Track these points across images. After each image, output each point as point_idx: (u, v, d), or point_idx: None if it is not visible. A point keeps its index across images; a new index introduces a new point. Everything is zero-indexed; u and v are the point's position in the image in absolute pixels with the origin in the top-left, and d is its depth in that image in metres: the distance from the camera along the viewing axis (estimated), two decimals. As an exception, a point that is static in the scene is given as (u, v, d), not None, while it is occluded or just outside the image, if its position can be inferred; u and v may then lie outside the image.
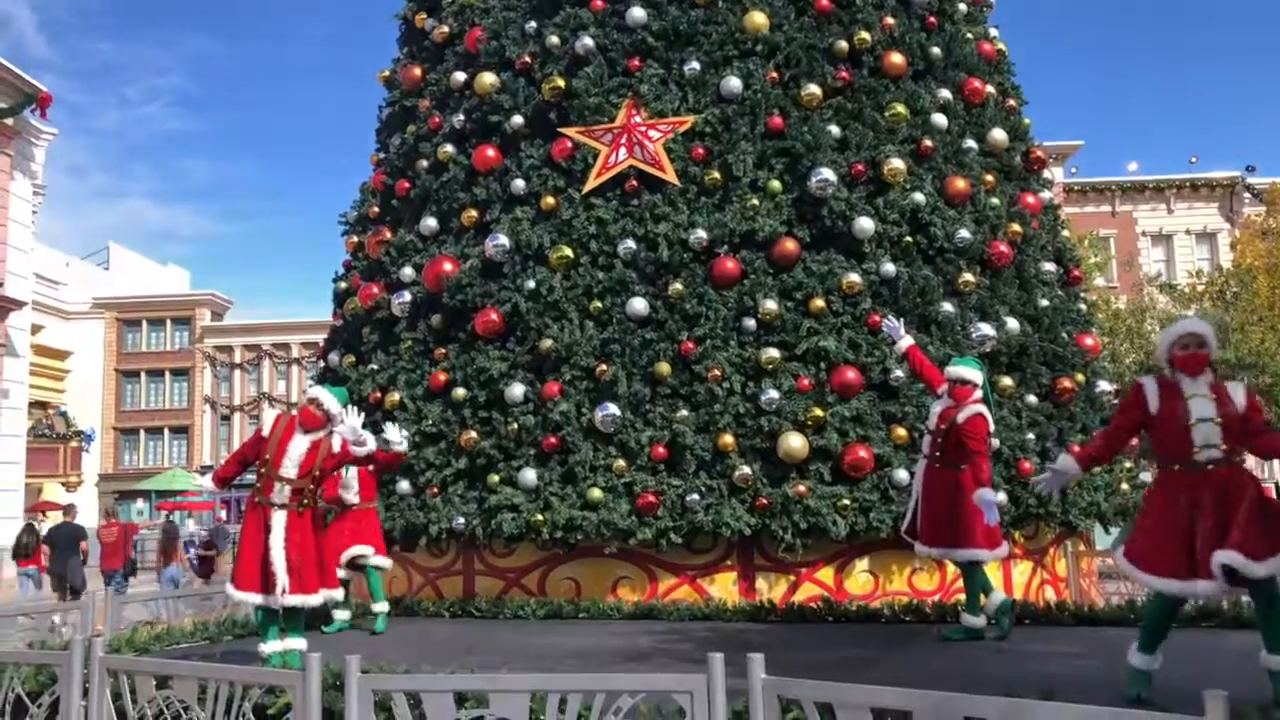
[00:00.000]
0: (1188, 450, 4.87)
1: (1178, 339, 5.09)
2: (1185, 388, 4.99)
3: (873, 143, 9.93)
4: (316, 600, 6.51)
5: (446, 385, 9.98)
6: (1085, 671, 5.75)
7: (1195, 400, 4.92)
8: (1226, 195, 38.65)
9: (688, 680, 3.84)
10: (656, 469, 9.01)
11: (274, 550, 6.31)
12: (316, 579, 6.46)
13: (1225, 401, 4.91)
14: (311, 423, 6.57)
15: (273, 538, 6.33)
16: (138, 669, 4.76)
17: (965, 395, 7.03)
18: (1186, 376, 5.02)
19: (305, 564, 6.37)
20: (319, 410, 6.60)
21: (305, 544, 6.41)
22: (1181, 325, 5.23)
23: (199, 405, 51.31)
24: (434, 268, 10.35)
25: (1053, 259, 11.14)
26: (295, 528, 6.39)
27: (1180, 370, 5.05)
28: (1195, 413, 4.88)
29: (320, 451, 6.48)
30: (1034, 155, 11.67)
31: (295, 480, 6.40)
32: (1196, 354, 5.02)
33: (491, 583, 9.72)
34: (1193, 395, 4.94)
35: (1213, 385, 5.00)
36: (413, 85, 11.74)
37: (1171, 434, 4.93)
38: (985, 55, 11.50)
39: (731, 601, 8.66)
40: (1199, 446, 4.85)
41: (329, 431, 6.59)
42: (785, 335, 9.22)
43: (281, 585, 6.25)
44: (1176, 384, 5.02)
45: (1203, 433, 4.86)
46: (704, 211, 9.59)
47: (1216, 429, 4.84)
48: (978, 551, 6.95)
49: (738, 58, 10.05)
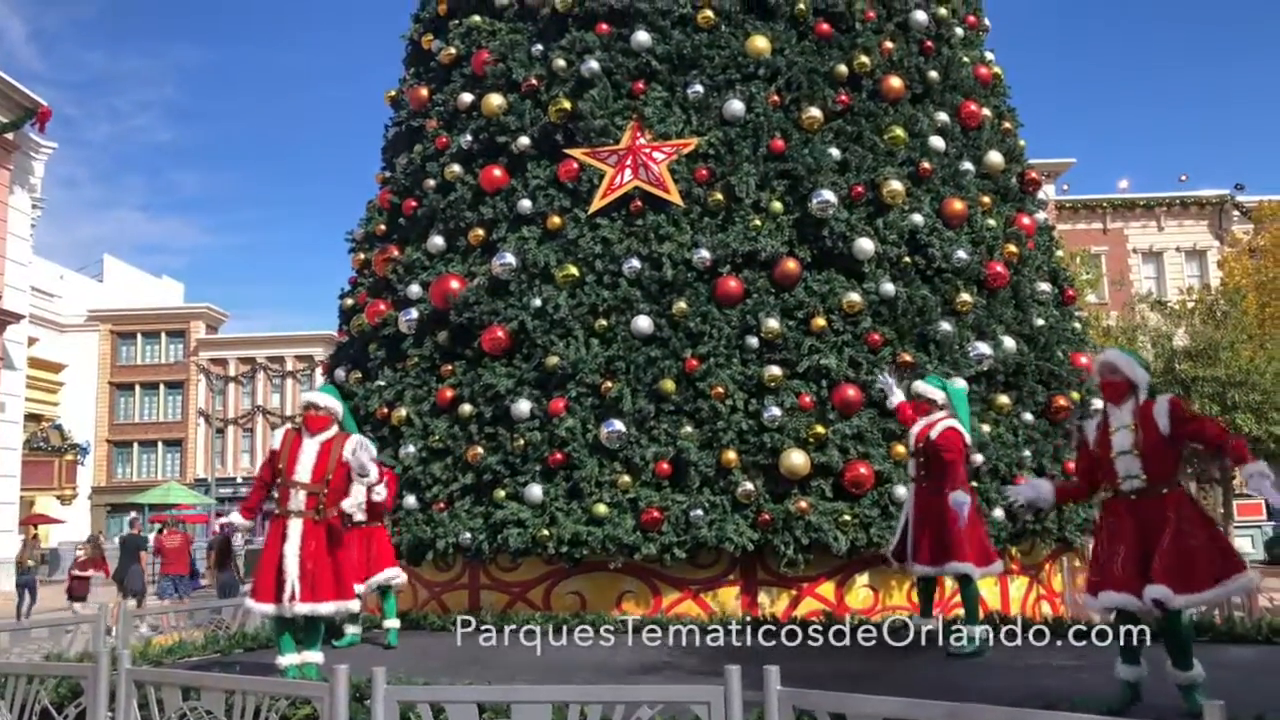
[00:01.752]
0: (1115, 481, 5.21)
1: (1095, 371, 5.43)
2: (1112, 420, 5.29)
3: (872, 165, 10.14)
4: (327, 609, 6.50)
5: (453, 401, 10.12)
6: (1083, 684, 5.90)
7: (1118, 433, 5.21)
8: (1215, 213, 39.04)
9: (705, 691, 3.99)
10: (661, 485, 9.16)
11: (288, 558, 6.39)
12: (331, 588, 6.46)
13: (1149, 428, 5.13)
14: (317, 425, 6.65)
15: (288, 545, 6.41)
16: (165, 680, 4.88)
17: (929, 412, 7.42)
18: (1112, 407, 5.31)
19: (319, 572, 6.42)
20: (319, 411, 6.70)
21: (320, 552, 6.46)
22: (1099, 357, 5.54)
23: (193, 418, 51.24)
24: (441, 285, 10.51)
25: (1048, 279, 11.36)
26: (311, 536, 6.45)
27: (1105, 400, 5.38)
28: (1116, 445, 5.19)
29: (332, 453, 6.54)
30: (1029, 177, 11.90)
31: (310, 485, 6.47)
32: (1109, 380, 5.30)
33: (497, 597, 9.84)
34: (1117, 428, 5.23)
35: (1136, 410, 5.22)
36: (419, 105, 11.92)
37: (1104, 466, 5.27)
38: (981, 79, 11.74)
39: (735, 615, 8.79)
40: (1122, 477, 5.16)
41: (337, 431, 6.68)
42: (787, 353, 9.39)
43: (290, 591, 6.32)
44: (1106, 417, 5.33)
45: (1124, 464, 5.15)
46: (707, 232, 9.77)
47: (1135, 460, 5.11)
48: (966, 566, 7.14)
49: (740, 81, 10.25)
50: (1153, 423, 5.16)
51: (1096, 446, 5.32)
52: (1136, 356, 5.51)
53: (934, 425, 7.37)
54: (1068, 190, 38.75)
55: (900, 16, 11.12)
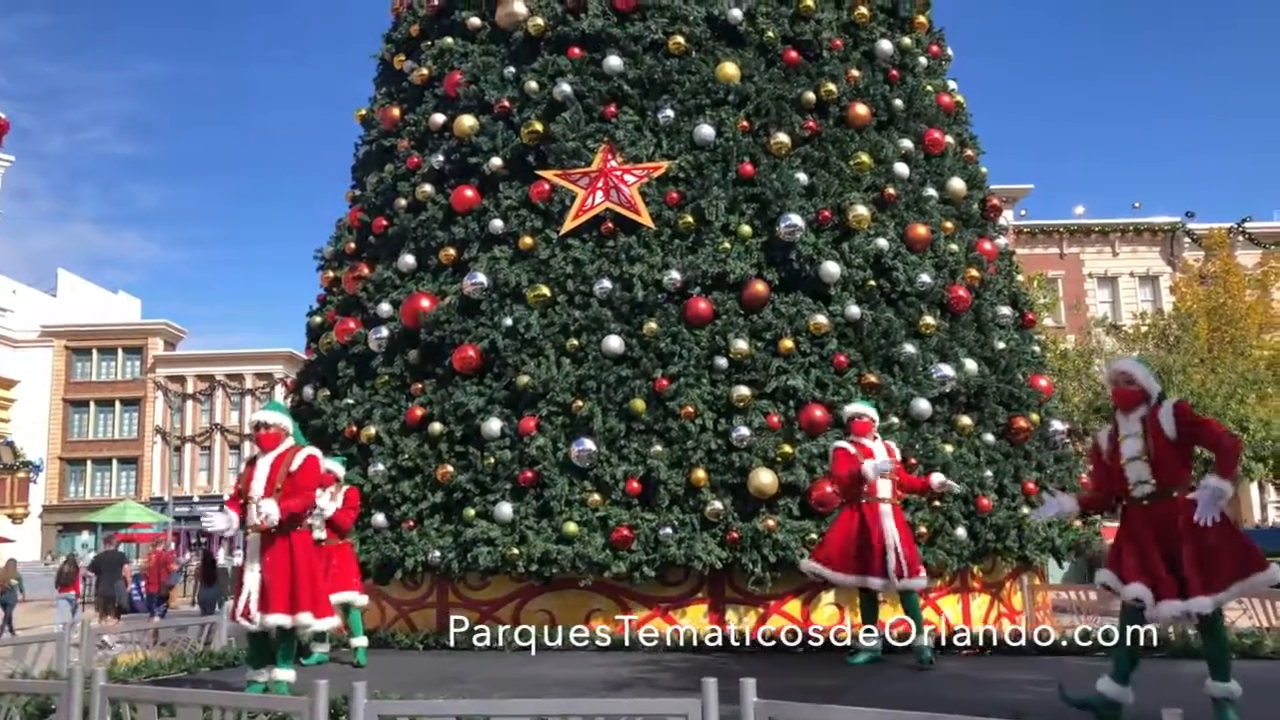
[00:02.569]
0: (1126, 488, 5.30)
1: (1109, 379, 5.56)
2: (1121, 428, 5.39)
3: (838, 190, 10.35)
4: (280, 621, 6.47)
5: (423, 420, 10.15)
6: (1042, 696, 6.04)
7: (1127, 440, 5.32)
8: (1168, 240, 39.96)
9: (683, 704, 4.08)
10: (631, 503, 9.24)
11: (247, 571, 6.54)
12: (285, 600, 6.47)
13: (1157, 434, 5.23)
14: (269, 443, 6.80)
15: (247, 559, 6.58)
16: (140, 697, 4.88)
17: (864, 430, 7.77)
18: (1121, 414, 5.41)
19: (274, 584, 6.48)
20: (269, 429, 6.84)
21: (278, 565, 6.53)
22: (1111, 364, 5.73)
23: (149, 436, 50.50)
24: (412, 304, 10.55)
25: (1009, 303, 11.62)
26: (268, 549, 6.55)
27: (1116, 408, 5.45)
28: (1125, 452, 5.29)
29: (281, 467, 6.66)
30: (990, 203, 12.19)
31: (262, 499, 6.56)
32: (1125, 389, 5.41)
33: (465, 615, 9.83)
34: (1126, 435, 5.34)
35: (1145, 419, 5.32)
36: (391, 125, 11.98)
37: (1115, 474, 5.36)
38: (944, 107, 12.03)
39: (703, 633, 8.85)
40: (1133, 483, 5.26)
41: (289, 446, 6.79)
42: (755, 374, 9.53)
43: (244, 604, 6.43)
44: (1115, 426, 5.43)
45: (1134, 470, 5.25)
46: (677, 254, 9.91)
47: (1145, 465, 5.21)
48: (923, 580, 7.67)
49: (710, 106, 10.43)
50: (1159, 428, 5.25)
51: (1108, 456, 5.41)
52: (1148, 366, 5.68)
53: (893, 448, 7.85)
54: (1025, 215, 39.49)
55: (866, 45, 11.39)
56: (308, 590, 6.62)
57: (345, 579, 8.34)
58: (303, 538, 6.75)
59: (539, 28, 10.98)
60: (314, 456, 6.82)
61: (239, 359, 51.57)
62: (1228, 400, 21.70)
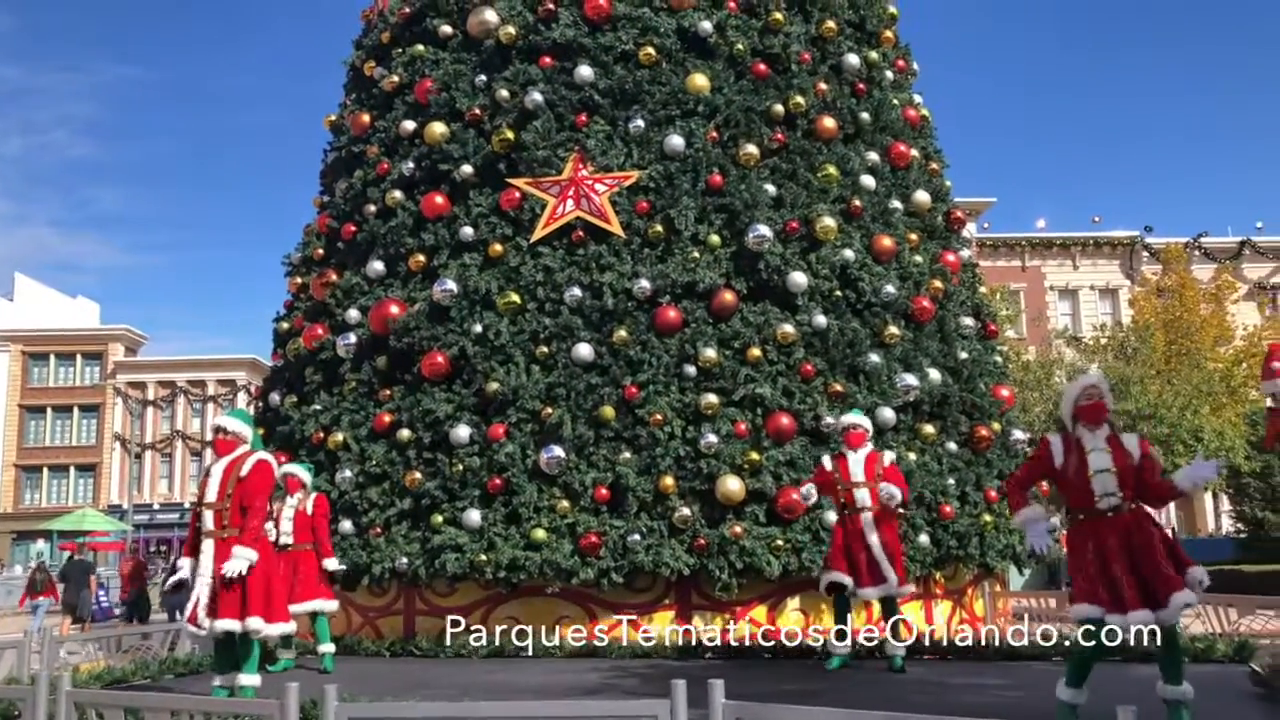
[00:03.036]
0: (1090, 500, 5.38)
1: (1082, 391, 5.66)
2: (1085, 441, 5.50)
3: (806, 201, 10.49)
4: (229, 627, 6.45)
5: (391, 426, 10.14)
6: (1010, 701, 6.18)
7: (1094, 453, 5.42)
8: (1127, 253, 40.67)
9: (653, 706, 4.14)
10: (599, 510, 9.29)
11: (200, 577, 6.56)
12: (236, 606, 6.46)
13: (1120, 452, 5.43)
14: (224, 449, 6.85)
15: (200, 565, 6.59)
16: (106, 702, 4.85)
17: (856, 441, 7.82)
18: (1087, 428, 5.53)
19: (226, 590, 6.48)
20: (226, 435, 6.89)
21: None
22: (1084, 379, 5.85)
23: (108, 443, 49.72)
24: (380, 310, 10.54)
25: (971, 314, 11.82)
26: (221, 555, 6.55)
27: (1084, 421, 5.56)
28: (1094, 465, 5.39)
29: (233, 471, 6.69)
30: (954, 216, 12.40)
31: (215, 504, 6.62)
32: (1099, 403, 5.56)
33: (432, 622, 9.81)
34: (1092, 449, 5.45)
35: (1109, 438, 5.51)
36: (361, 131, 11.97)
37: (1076, 486, 5.43)
38: (910, 121, 12.23)
39: (670, 639, 8.92)
40: (1099, 495, 5.36)
41: (242, 453, 6.80)
42: (724, 382, 9.63)
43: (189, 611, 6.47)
44: (1078, 439, 5.53)
45: (1101, 482, 5.36)
46: (647, 262, 10.00)
47: (1113, 478, 5.35)
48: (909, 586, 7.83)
49: (680, 117, 10.54)
50: (1124, 449, 5.45)
51: (1073, 469, 5.48)
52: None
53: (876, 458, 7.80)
54: (988, 228, 40.04)
55: (834, 59, 11.57)
56: (259, 596, 6.58)
57: (313, 585, 8.31)
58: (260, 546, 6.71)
59: (510, 36, 11.04)
60: (264, 461, 6.81)
61: (202, 365, 50.93)
62: (1183, 411, 22.11)
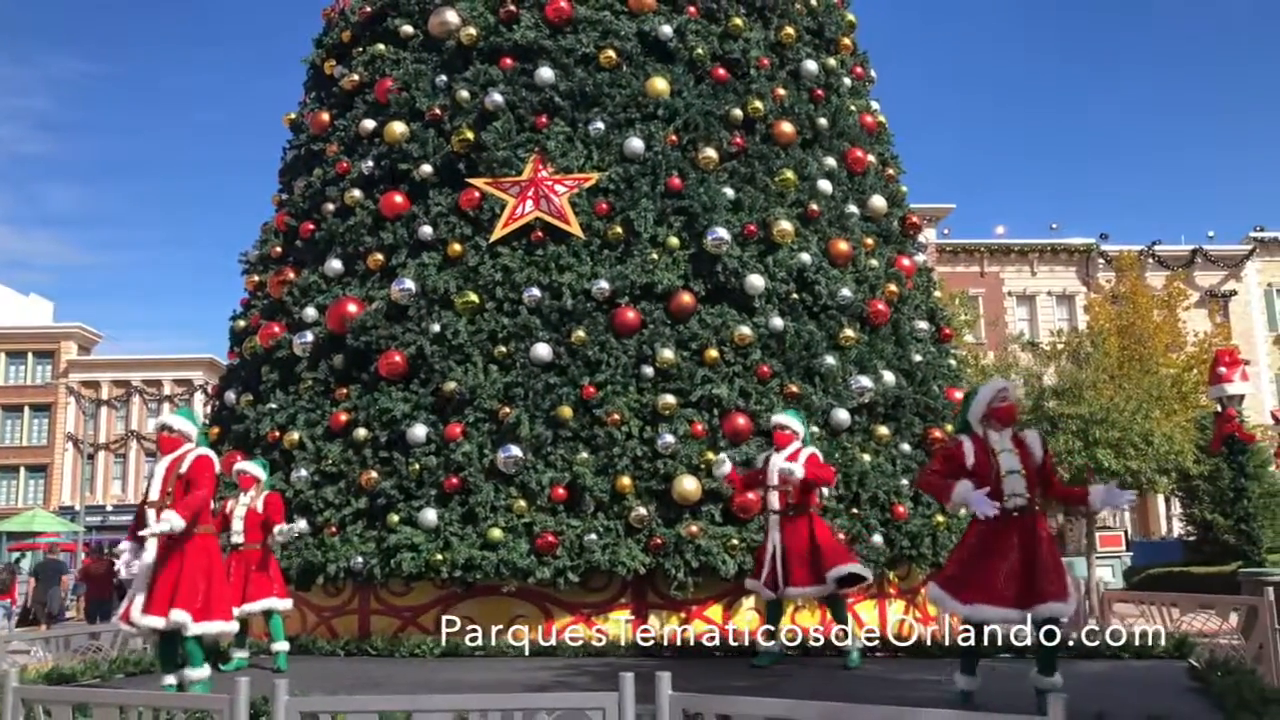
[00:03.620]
0: (999, 499, 5.67)
1: (995, 393, 5.99)
2: (994, 443, 5.83)
3: (764, 205, 10.61)
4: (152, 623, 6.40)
5: (347, 425, 10.11)
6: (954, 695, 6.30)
7: (1004, 455, 5.79)
8: (1083, 260, 41.43)
9: (600, 697, 4.21)
10: (556, 510, 9.33)
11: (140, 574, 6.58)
12: (165, 601, 6.41)
13: (1025, 453, 5.81)
14: (168, 446, 6.82)
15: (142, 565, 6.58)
16: (55, 698, 4.83)
17: (786, 440, 7.98)
18: (997, 429, 5.88)
19: (159, 586, 6.47)
20: (171, 433, 6.87)
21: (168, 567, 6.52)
22: (996, 381, 6.26)
23: (60, 443, 48.92)
24: (338, 309, 10.51)
25: (926, 318, 12.00)
26: (162, 550, 6.56)
27: (997, 421, 5.90)
28: (1004, 466, 5.75)
29: (174, 470, 6.68)
30: (910, 221, 12.58)
31: (157, 501, 6.62)
32: (1011, 406, 5.96)
33: (387, 621, 9.81)
34: (1001, 450, 5.80)
35: (1014, 438, 5.90)
36: (320, 130, 11.93)
37: (986, 485, 5.70)
38: (867, 127, 12.40)
39: (625, 638, 8.98)
40: (1008, 495, 5.69)
41: (184, 451, 6.79)
42: (681, 383, 9.71)
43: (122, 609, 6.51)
44: (987, 440, 5.86)
45: (1011, 483, 5.71)
46: (606, 264, 10.06)
47: (1021, 479, 5.72)
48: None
49: (640, 120, 10.62)
50: (1029, 449, 5.78)
51: (975, 466, 5.77)
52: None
53: (798, 455, 7.92)
54: (948, 234, 40.62)
55: (792, 65, 11.71)
56: (189, 592, 6.48)
57: (266, 584, 8.27)
58: (199, 541, 6.67)
59: (471, 37, 11.05)
60: (205, 456, 6.77)
61: (157, 364, 50.26)
62: (1134, 415, 22.53)
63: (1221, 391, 13.95)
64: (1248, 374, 14.89)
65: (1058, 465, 22.06)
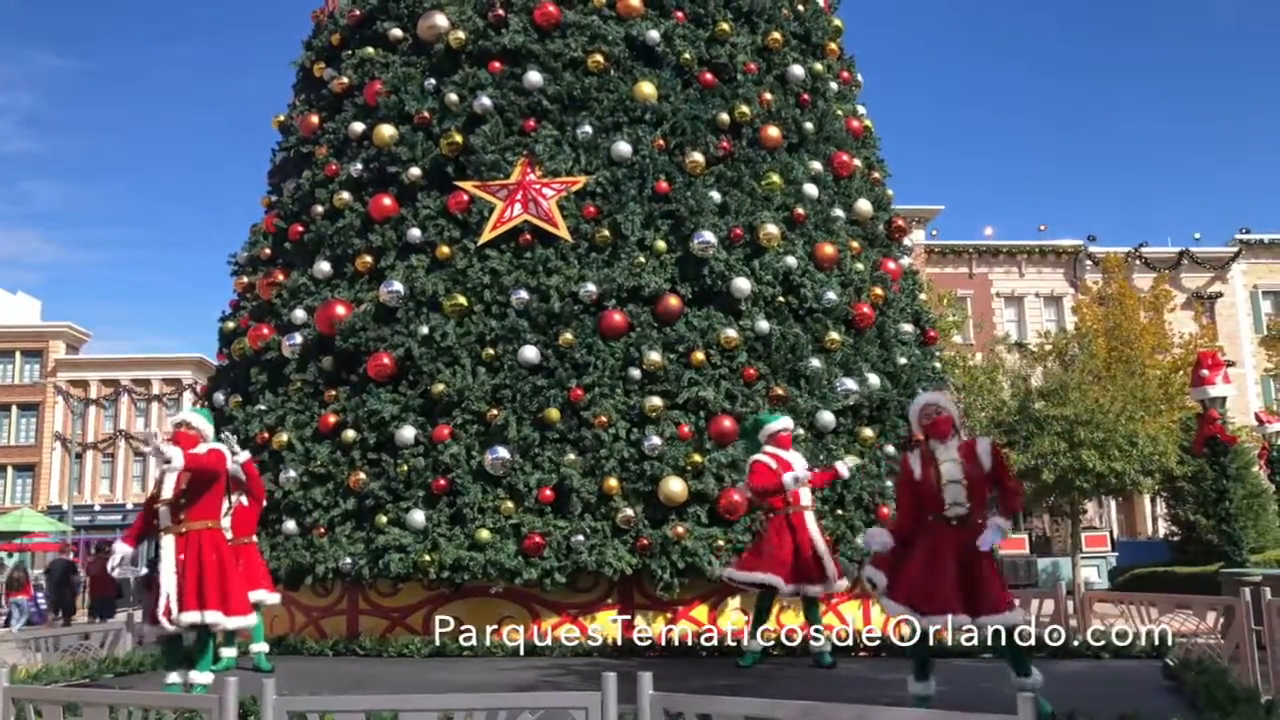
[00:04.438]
0: (940, 507, 5.85)
1: (920, 411, 6.15)
2: (938, 453, 5.95)
3: (750, 209, 10.70)
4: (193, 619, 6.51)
5: (336, 427, 10.17)
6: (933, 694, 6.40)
7: (946, 465, 5.89)
8: (1071, 262, 41.65)
9: (583, 697, 4.29)
10: (544, 511, 9.41)
11: (164, 575, 6.58)
12: (194, 599, 6.52)
13: (971, 462, 5.89)
14: (184, 444, 6.84)
15: (163, 561, 6.62)
16: (45, 698, 4.89)
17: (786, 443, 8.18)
18: (938, 441, 5.99)
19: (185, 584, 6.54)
20: (190, 430, 6.94)
21: (188, 564, 6.60)
22: (922, 399, 6.34)
23: (48, 442, 48.75)
24: (327, 311, 10.57)
25: (911, 320, 12.11)
26: (180, 549, 6.63)
27: (932, 435, 6.02)
28: (946, 475, 5.86)
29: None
30: (896, 224, 12.69)
31: (171, 499, 6.67)
32: (942, 419, 6.02)
33: (375, 622, 9.88)
34: (945, 460, 5.91)
35: (961, 446, 5.97)
36: (309, 132, 11.98)
37: (928, 494, 5.90)
38: (853, 131, 12.51)
39: (612, 638, 9.07)
40: (949, 504, 5.83)
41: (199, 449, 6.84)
42: (668, 385, 9.80)
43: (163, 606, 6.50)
44: (931, 451, 5.99)
45: (952, 492, 5.83)
46: (594, 267, 10.14)
47: (963, 490, 5.83)
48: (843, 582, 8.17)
49: (628, 124, 10.70)
50: (976, 459, 5.88)
51: (921, 477, 5.95)
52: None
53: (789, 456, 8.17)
54: (937, 235, 40.78)
55: (779, 70, 11.80)
56: (216, 588, 6.63)
57: (255, 578, 8.29)
58: (212, 536, 6.78)
59: (460, 41, 11.12)
60: (218, 450, 6.92)
61: (146, 364, 50.10)
62: (1119, 417, 22.70)
63: (1204, 394, 14.11)
64: (1230, 376, 15.06)
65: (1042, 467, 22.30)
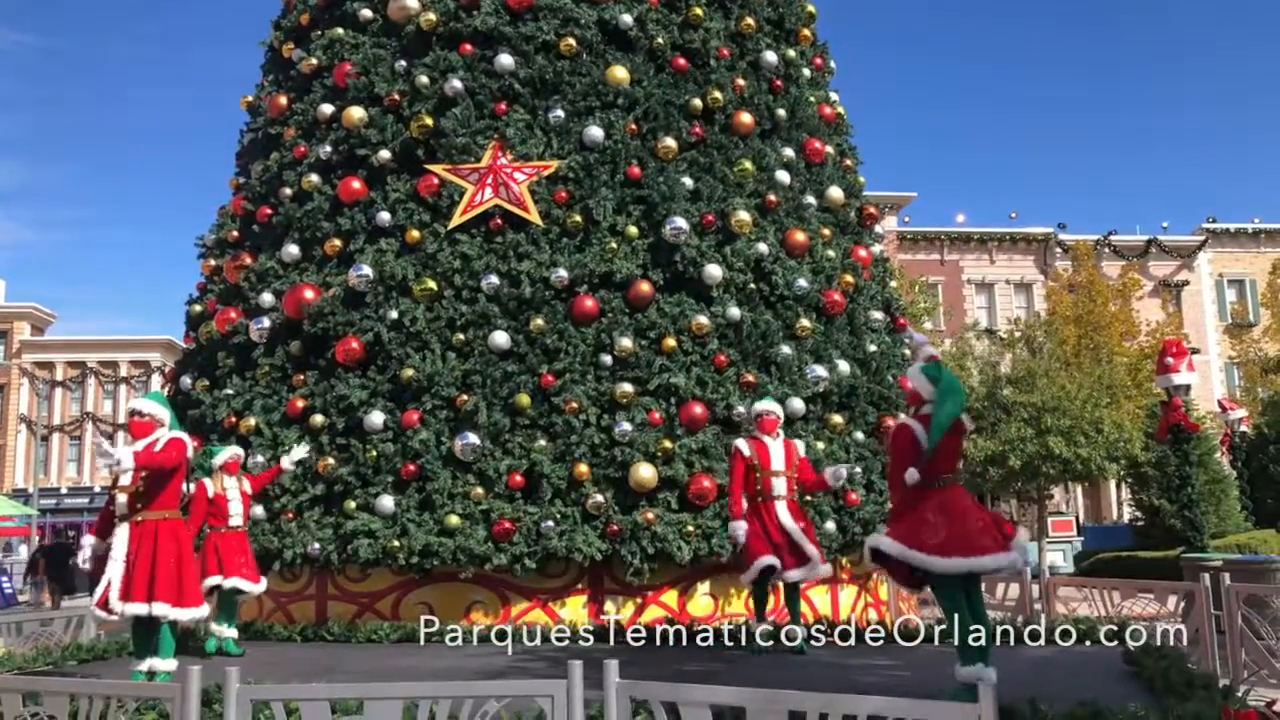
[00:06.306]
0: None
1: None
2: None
3: (722, 195, 10.69)
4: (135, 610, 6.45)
5: (304, 412, 10.10)
6: (897, 680, 6.47)
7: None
8: (1041, 249, 41.97)
9: (549, 686, 4.29)
10: (514, 497, 9.40)
11: (111, 564, 6.55)
12: (144, 588, 6.45)
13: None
14: (139, 432, 6.77)
15: (114, 549, 6.57)
16: (5, 687, 4.83)
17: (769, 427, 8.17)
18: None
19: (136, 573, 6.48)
20: (141, 417, 6.82)
21: (141, 554, 6.53)
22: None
23: (13, 425, 48.08)
24: (295, 295, 10.47)
25: (881, 308, 12.17)
26: (134, 538, 6.57)
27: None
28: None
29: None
30: (867, 212, 12.72)
31: (129, 486, 6.60)
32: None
33: (344, 607, 9.84)
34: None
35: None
36: (278, 113, 11.83)
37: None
38: (826, 118, 12.51)
39: (581, 623, 9.08)
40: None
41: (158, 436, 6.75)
42: (639, 371, 9.80)
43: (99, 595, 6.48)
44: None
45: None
46: (565, 252, 10.11)
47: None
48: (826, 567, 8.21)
49: (600, 109, 10.65)
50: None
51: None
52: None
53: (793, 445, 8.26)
54: (909, 222, 40.95)
55: (752, 56, 11.77)
56: (168, 579, 6.53)
57: (234, 565, 8.24)
58: (169, 528, 6.68)
59: (431, 22, 11.01)
60: (178, 438, 6.77)
61: (113, 345, 49.46)
62: (1085, 404, 22.92)
63: (1168, 381, 14.25)
64: (1194, 364, 15.22)
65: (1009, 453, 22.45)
